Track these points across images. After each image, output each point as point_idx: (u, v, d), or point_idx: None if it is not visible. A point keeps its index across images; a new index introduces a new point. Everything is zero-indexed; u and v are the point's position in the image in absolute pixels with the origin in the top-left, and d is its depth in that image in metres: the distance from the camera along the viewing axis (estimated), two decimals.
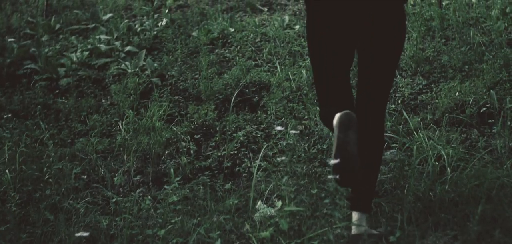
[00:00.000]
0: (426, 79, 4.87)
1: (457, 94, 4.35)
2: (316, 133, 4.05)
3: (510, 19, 5.82)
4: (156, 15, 7.06)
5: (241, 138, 4.10)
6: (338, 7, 2.79)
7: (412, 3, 6.66)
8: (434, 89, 4.67)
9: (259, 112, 4.59)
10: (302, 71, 4.99)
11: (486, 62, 4.90)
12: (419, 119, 4.14)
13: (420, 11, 6.20)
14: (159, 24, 6.65)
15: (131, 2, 8.56)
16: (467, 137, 3.87)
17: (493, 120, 4.00)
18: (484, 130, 3.96)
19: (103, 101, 5.18)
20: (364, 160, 2.80)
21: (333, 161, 2.61)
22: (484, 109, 4.13)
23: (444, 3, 6.45)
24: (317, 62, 2.93)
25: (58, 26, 7.31)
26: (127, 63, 5.80)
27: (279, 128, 3.61)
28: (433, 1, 6.45)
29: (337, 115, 2.65)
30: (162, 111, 4.38)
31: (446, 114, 4.14)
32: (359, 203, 2.93)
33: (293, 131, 3.73)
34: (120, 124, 4.45)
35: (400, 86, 4.81)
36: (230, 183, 3.63)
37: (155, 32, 6.57)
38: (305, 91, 4.82)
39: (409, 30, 5.71)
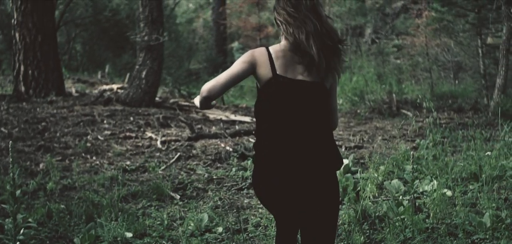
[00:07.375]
0: None
1: None
2: None
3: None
4: (24, 211, 5.05)
5: None
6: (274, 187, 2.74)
7: (370, 198, 5.08)
8: None
9: None
10: None
11: None
12: None
13: (387, 213, 4.59)
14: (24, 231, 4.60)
15: (2, 177, 6.52)
16: None
17: None
18: None
19: None
20: None
21: None
22: None
23: (417, 202, 4.89)
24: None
25: None
26: None
27: None
28: (403, 199, 4.87)
29: None
30: None
31: None
32: None
33: None
34: None
35: None
36: None
37: (21, 238, 4.58)
38: None
39: None
